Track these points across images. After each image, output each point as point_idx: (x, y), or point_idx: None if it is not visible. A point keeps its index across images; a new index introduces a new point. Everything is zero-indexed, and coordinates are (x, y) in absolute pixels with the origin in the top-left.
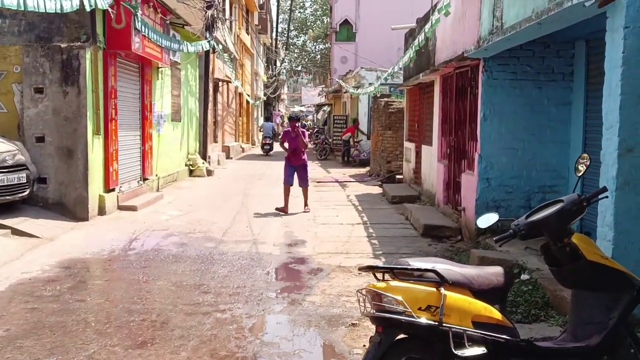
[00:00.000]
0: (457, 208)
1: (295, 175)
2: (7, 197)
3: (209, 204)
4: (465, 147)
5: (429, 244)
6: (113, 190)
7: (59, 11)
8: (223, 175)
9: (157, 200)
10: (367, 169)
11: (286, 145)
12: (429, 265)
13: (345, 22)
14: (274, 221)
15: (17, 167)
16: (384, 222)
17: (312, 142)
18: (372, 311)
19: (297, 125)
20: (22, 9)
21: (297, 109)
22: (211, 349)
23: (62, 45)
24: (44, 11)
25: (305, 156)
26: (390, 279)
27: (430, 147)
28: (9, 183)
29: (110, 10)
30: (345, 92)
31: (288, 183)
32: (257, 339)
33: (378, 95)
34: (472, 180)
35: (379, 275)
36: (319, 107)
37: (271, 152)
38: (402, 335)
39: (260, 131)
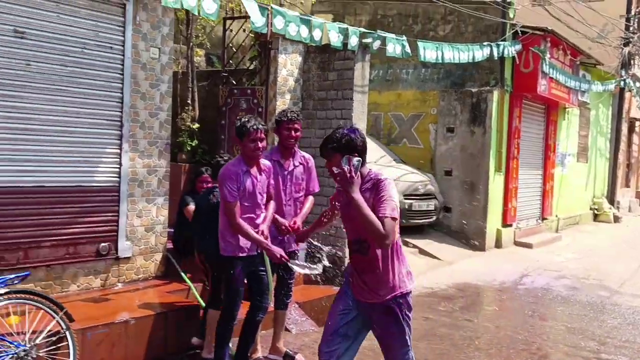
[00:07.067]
0: None
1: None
2: (418, 221)
3: (610, 252)
4: None
5: None
6: (510, 225)
7: (471, 61)
8: (633, 223)
9: (554, 241)
10: None
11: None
12: None
13: None
14: None
15: (427, 195)
16: None
17: None
18: None
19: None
20: (440, 61)
21: None
22: None
23: (473, 90)
24: (458, 62)
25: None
26: None
27: None
28: (419, 209)
29: (516, 56)
30: None
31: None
32: None
33: None
34: None
35: None
36: None
37: None
38: None
39: None
